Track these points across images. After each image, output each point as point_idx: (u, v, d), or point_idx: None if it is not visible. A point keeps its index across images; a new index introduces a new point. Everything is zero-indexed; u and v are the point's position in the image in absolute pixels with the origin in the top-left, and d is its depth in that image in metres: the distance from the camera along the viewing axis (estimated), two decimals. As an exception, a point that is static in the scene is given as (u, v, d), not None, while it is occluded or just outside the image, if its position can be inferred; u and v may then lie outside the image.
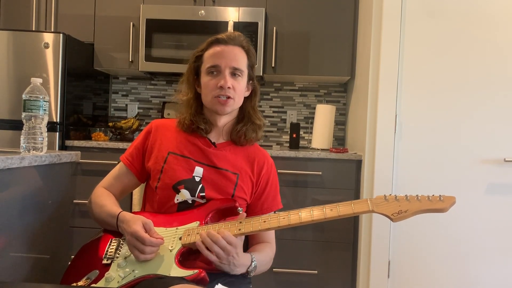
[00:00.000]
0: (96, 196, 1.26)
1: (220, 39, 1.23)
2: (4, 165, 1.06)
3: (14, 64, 2.37)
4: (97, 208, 1.23)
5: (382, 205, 1.03)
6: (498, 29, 2.12)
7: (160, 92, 3.04)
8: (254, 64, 1.30)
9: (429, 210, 1.01)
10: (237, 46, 1.24)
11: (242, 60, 1.24)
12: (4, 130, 2.36)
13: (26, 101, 1.22)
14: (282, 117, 3.00)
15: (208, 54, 1.24)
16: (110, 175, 1.32)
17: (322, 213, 1.05)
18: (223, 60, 1.21)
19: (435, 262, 2.16)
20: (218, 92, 1.20)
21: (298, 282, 2.32)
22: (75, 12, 2.67)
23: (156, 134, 1.29)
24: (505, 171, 2.13)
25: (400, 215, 1.01)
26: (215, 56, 1.22)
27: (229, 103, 1.21)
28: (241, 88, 1.24)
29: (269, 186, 1.30)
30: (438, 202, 1.01)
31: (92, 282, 1.05)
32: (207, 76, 1.22)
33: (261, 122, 1.31)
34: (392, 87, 2.16)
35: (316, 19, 2.60)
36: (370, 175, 2.20)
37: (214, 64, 1.21)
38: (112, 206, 1.20)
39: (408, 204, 1.02)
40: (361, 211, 1.04)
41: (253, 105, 1.31)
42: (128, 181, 1.30)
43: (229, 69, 1.21)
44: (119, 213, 1.15)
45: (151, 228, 1.07)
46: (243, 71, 1.24)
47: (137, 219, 1.09)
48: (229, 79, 1.20)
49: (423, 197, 1.03)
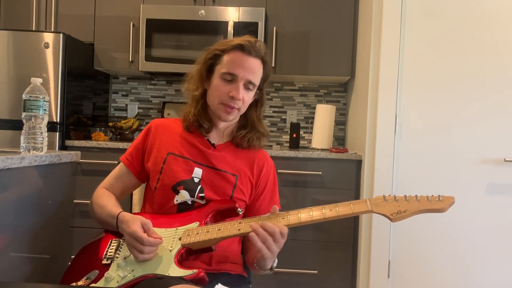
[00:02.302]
0: (97, 196, 1.26)
1: (245, 47, 1.19)
2: (4, 165, 1.06)
3: (14, 64, 2.37)
4: (98, 208, 1.23)
5: (381, 205, 1.03)
6: (498, 29, 2.12)
7: (160, 92, 3.04)
8: (267, 77, 1.27)
9: (428, 210, 1.01)
10: (257, 59, 1.21)
11: (258, 73, 1.23)
12: (4, 130, 2.36)
13: (26, 101, 1.22)
14: (282, 117, 3.00)
15: (228, 58, 1.20)
16: (110, 175, 1.32)
17: (321, 214, 1.05)
18: (241, 71, 1.18)
19: (435, 262, 2.17)
20: (227, 100, 1.19)
21: (298, 282, 2.32)
22: (75, 12, 2.67)
23: (156, 134, 1.28)
24: (505, 171, 2.13)
25: (399, 215, 1.01)
26: (235, 64, 1.19)
27: (234, 113, 1.21)
28: (249, 100, 1.24)
29: (268, 188, 1.30)
30: (437, 202, 1.01)
31: (91, 282, 1.05)
32: (221, 80, 1.20)
33: (266, 131, 1.31)
34: (392, 87, 2.16)
35: (316, 19, 2.60)
36: (370, 175, 2.20)
37: (232, 72, 1.19)
38: (112, 207, 1.20)
39: (407, 204, 1.02)
40: (360, 211, 1.05)
41: (258, 115, 1.30)
42: (128, 181, 1.30)
43: (244, 81, 1.19)
44: (118, 213, 1.15)
45: (149, 228, 1.07)
46: (255, 85, 1.23)
47: (136, 219, 1.09)
48: (241, 91, 1.19)
49: (422, 197, 1.03)
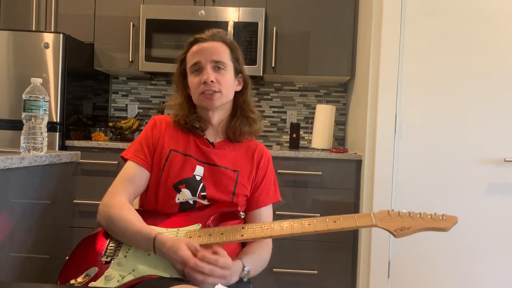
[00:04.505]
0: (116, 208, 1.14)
1: (199, 38, 1.24)
2: (4, 165, 1.06)
3: (14, 64, 2.37)
4: (120, 222, 1.11)
5: (385, 220, 1.04)
6: (498, 28, 2.12)
7: (160, 92, 3.04)
8: (239, 57, 1.27)
9: (431, 228, 1.03)
10: (216, 41, 1.24)
11: (223, 53, 1.23)
12: (4, 130, 2.36)
13: (26, 101, 1.22)
14: (282, 117, 3.00)
15: (189, 54, 1.25)
16: (122, 179, 1.21)
17: (325, 225, 1.06)
18: (203, 56, 1.21)
19: (435, 262, 2.17)
20: (202, 88, 1.20)
21: (298, 282, 2.32)
22: (75, 12, 2.67)
23: (160, 129, 1.28)
24: (505, 171, 2.13)
25: (402, 232, 1.03)
26: (196, 53, 1.23)
27: (215, 97, 1.21)
28: (227, 81, 1.23)
29: (266, 179, 1.30)
30: (441, 221, 1.03)
31: (91, 279, 1.04)
32: (192, 75, 1.24)
33: (255, 115, 1.30)
34: (392, 87, 2.16)
35: (316, 19, 2.60)
36: (370, 175, 2.20)
37: (195, 62, 1.22)
38: (140, 223, 1.10)
39: (411, 221, 1.03)
40: (365, 225, 1.05)
41: (245, 99, 1.30)
42: (144, 182, 1.24)
43: (210, 63, 1.21)
44: (155, 236, 1.05)
45: (197, 249, 1.01)
46: (226, 63, 1.23)
47: (181, 243, 1.01)
48: (211, 73, 1.20)
49: (426, 215, 1.04)
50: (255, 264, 1.16)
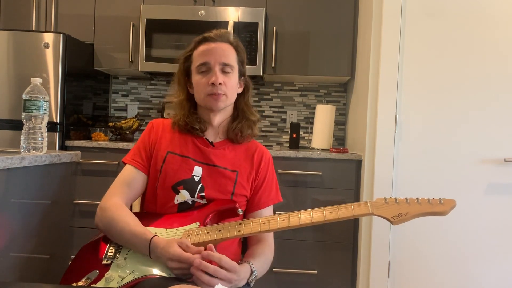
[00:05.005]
0: (114, 211, 1.15)
1: (208, 37, 1.24)
2: (4, 165, 1.06)
3: (14, 64, 2.37)
4: (118, 224, 1.12)
5: (382, 208, 1.03)
6: (498, 29, 2.12)
7: (160, 92, 3.04)
8: (244, 60, 1.29)
9: (429, 213, 1.01)
10: (225, 43, 1.24)
11: (231, 55, 1.24)
12: (4, 130, 2.36)
13: (26, 101, 1.22)
14: (282, 117, 3.00)
15: (197, 53, 1.24)
16: (120, 182, 1.22)
17: (321, 215, 1.05)
18: (212, 57, 1.21)
19: (435, 262, 2.17)
20: (210, 89, 1.20)
21: (298, 282, 2.32)
22: (75, 12, 2.67)
23: (157, 133, 1.29)
24: (505, 171, 2.13)
25: (400, 218, 1.01)
26: (204, 53, 1.22)
27: (221, 99, 1.21)
28: (233, 84, 1.24)
29: (267, 180, 1.30)
30: (438, 205, 1.01)
31: (92, 282, 1.05)
32: (198, 75, 1.23)
33: (256, 117, 1.31)
34: (392, 87, 2.16)
35: (316, 19, 2.60)
36: (370, 175, 2.20)
37: (203, 62, 1.21)
38: (139, 227, 1.11)
39: (408, 207, 1.02)
40: (361, 214, 1.04)
41: (246, 101, 1.31)
42: (141, 186, 1.25)
43: (219, 65, 1.21)
44: (151, 237, 1.07)
45: (188, 245, 1.02)
46: (233, 67, 1.23)
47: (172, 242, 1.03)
48: (219, 76, 1.20)
49: (423, 200, 1.02)
50: (261, 267, 1.16)
